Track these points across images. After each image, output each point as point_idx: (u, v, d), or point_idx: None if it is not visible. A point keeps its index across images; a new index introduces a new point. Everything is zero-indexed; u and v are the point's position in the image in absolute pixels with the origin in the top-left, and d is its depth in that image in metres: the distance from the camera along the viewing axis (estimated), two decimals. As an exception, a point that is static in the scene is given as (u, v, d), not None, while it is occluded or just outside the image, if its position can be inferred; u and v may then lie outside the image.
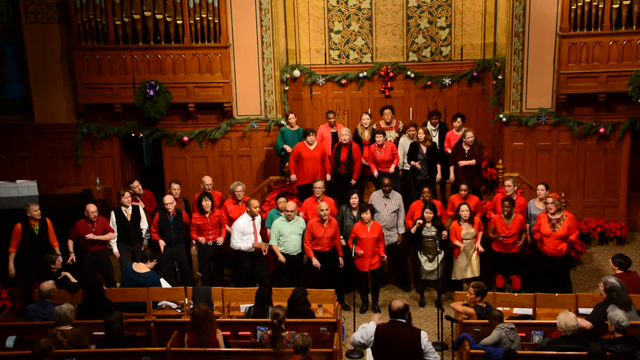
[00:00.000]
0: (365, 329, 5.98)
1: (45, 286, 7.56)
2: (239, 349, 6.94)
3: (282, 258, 9.05)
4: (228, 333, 7.21)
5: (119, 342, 6.71)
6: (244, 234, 9.17)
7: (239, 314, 8.05)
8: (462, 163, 10.08)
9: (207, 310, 6.82)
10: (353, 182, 10.33)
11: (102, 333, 6.99)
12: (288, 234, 9.06)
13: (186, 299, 8.17)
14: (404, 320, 5.97)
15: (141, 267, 8.29)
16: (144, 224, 9.61)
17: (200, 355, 6.73)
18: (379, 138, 10.27)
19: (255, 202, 9.29)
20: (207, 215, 9.39)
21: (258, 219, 9.36)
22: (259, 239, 9.25)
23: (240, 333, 7.34)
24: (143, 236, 9.63)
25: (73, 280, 8.33)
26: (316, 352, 6.66)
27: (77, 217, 9.44)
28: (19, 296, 9.41)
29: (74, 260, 9.16)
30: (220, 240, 9.55)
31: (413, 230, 9.35)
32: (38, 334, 6.86)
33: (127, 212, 9.51)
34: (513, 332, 6.81)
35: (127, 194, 9.57)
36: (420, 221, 9.28)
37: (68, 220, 9.41)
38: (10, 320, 7.90)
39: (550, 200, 8.95)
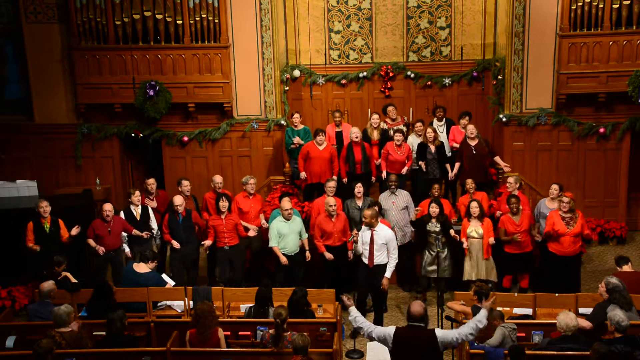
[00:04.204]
0: (384, 330, 5.89)
1: (45, 286, 7.57)
2: (239, 349, 6.94)
3: (284, 260, 9.00)
4: (228, 333, 7.20)
5: (119, 341, 6.70)
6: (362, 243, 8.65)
7: (239, 314, 8.05)
8: (503, 164, 10.44)
9: (211, 306, 6.86)
10: (373, 179, 10.33)
11: (102, 333, 6.99)
12: (287, 234, 9.05)
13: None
14: (423, 325, 5.87)
15: (142, 267, 8.29)
16: (153, 224, 9.61)
17: (200, 355, 6.73)
18: (398, 137, 10.22)
19: (367, 213, 8.48)
20: (223, 216, 9.31)
21: (379, 228, 8.53)
22: (375, 250, 8.48)
23: (240, 333, 7.34)
24: (154, 236, 9.61)
25: (73, 280, 8.33)
26: (316, 352, 6.67)
27: (76, 217, 9.44)
28: (20, 296, 9.43)
29: (104, 250, 9.11)
30: (252, 232, 9.49)
31: (413, 217, 9.40)
32: (38, 334, 6.86)
33: (137, 211, 9.50)
34: (515, 332, 6.81)
35: (137, 192, 9.55)
36: (419, 208, 9.30)
37: (68, 220, 9.41)
38: (10, 320, 7.90)
39: (566, 199, 8.88)
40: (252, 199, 9.84)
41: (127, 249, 9.41)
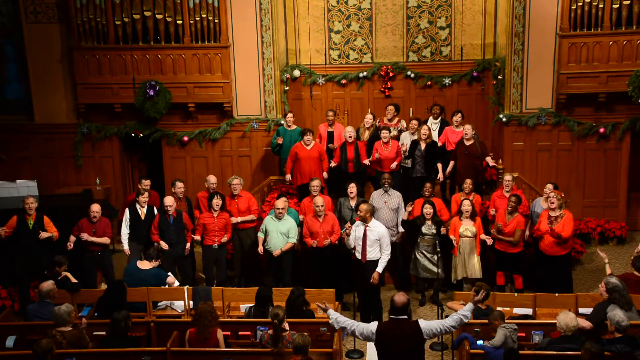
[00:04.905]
0: (366, 327, 5.92)
1: (45, 286, 7.56)
2: (239, 349, 6.94)
3: (259, 249, 9.20)
4: (228, 333, 7.21)
5: (121, 342, 6.71)
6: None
7: (239, 314, 8.06)
8: (492, 162, 10.31)
9: (212, 306, 6.88)
10: (367, 162, 10.34)
11: (102, 333, 6.99)
12: (271, 231, 9.12)
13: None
14: (406, 317, 5.88)
15: (145, 265, 8.32)
16: None
17: (200, 355, 6.73)
18: (384, 134, 10.25)
19: (363, 207, 8.47)
20: (215, 215, 9.35)
21: (372, 224, 8.54)
22: (368, 246, 8.48)
23: (240, 333, 7.34)
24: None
25: (73, 280, 8.33)
26: (316, 352, 6.67)
27: (76, 217, 9.44)
28: (17, 296, 9.43)
29: (72, 246, 9.12)
30: (225, 238, 9.48)
31: (405, 216, 9.37)
32: (38, 334, 6.86)
33: (142, 211, 9.53)
34: (516, 332, 6.81)
35: (145, 194, 9.60)
36: (410, 206, 9.33)
37: (68, 220, 9.41)
38: (10, 320, 7.90)
39: (552, 194, 8.93)
40: (238, 200, 9.75)
41: (125, 247, 9.43)
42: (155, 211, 9.62)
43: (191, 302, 8.11)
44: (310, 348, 6.22)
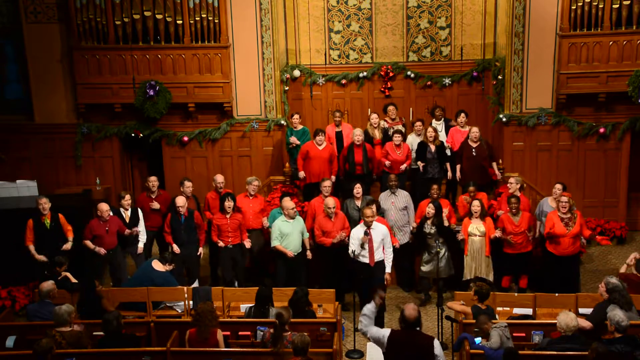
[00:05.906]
0: (379, 331, 5.89)
1: (45, 286, 7.56)
2: (239, 349, 6.94)
3: (290, 253, 8.99)
4: (228, 333, 7.21)
5: (117, 341, 6.71)
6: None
7: (239, 314, 8.05)
8: (496, 170, 10.38)
9: (212, 306, 6.88)
10: (375, 176, 10.39)
11: (102, 333, 7.00)
12: (290, 233, 9.03)
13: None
14: (419, 329, 5.88)
15: (159, 266, 8.33)
16: (141, 227, 9.55)
17: (200, 355, 6.73)
18: (397, 137, 10.25)
19: (368, 211, 8.52)
20: (228, 216, 9.33)
21: (374, 225, 8.57)
22: (375, 248, 8.49)
23: (240, 333, 7.34)
24: (139, 239, 9.56)
25: (73, 280, 8.33)
26: (316, 352, 6.66)
27: (76, 217, 9.44)
28: (20, 296, 9.44)
29: (104, 251, 9.12)
30: (247, 243, 9.46)
31: (414, 225, 9.52)
32: (38, 334, 6.86)
33: (127, 214, 9.49)
34: (507, 329, 6.81)
35: (127, 196, 9.56)
36: (415, 225, 9.44)
37: (68, 220, 9.40)
38: (10, 320, 7.90)
39: (564, 199, 8.91)
40: (252, 200, 9.83)
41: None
42: (140, 215, 9.58)
43: (191, 302, 8.11)
44: (310, 348, 6.21)
